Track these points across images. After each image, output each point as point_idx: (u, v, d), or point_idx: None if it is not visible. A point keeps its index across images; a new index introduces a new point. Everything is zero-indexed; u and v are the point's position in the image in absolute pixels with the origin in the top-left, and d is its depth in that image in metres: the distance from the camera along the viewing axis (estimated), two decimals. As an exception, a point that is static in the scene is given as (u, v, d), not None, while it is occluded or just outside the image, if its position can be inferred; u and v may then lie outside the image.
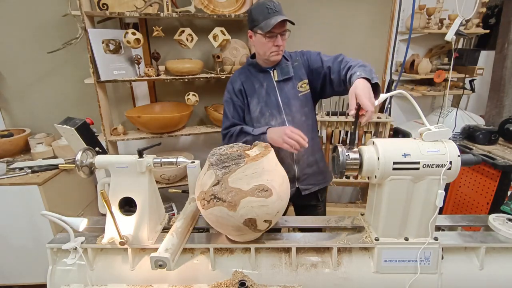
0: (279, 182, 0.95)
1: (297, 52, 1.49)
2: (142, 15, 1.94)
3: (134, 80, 2.09)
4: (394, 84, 2.50)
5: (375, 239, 1.00)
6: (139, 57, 2.08)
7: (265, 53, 1.36)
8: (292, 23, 1.31)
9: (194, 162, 1.11)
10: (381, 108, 2.51)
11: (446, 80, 2.40)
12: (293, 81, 1.43)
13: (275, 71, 1.43)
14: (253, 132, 1.35)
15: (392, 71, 2.57)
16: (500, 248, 1.04)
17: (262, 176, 0.91)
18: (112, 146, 2.21)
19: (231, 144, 1.08)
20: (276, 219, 0.97)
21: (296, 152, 1.35)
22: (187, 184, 1.18)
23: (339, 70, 1.29)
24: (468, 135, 2.27)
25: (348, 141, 2.35)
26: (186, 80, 2.12)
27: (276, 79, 1.42)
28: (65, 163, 1.93)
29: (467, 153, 1.87)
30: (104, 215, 1.04)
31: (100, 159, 1.01)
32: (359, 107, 1.02)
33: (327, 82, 1.39)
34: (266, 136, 1.30)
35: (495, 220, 1.10)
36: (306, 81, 1.44)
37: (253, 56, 1.50)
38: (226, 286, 0.95)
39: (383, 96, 1.04)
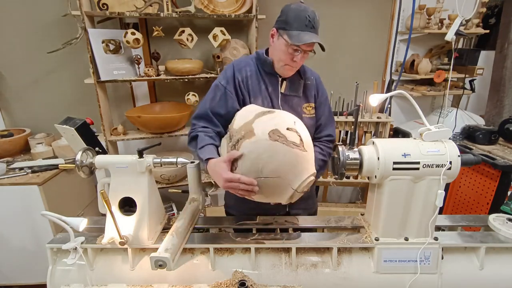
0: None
1: (313, 72, 1.34)
2: (142, 15, 1.94)
3: (134, 80, 2.09)
4: (394, 84, 2.51)
5: (375, 239, 1.00)
6: (139, 57, 2.08)
7: (279, 61, 1.19)
8: (323, 49, 1.16)
9: (194, 162, 1.11)
10: (381, 108, 2.51)
11: (446, 80, 2.40)
12: (301, 100, 1.29)
13: (284, 81, 1.25)
14: (198, 149, 1.09)
15: (392, 71, 2.57)
16: (500, 248, 1.04)
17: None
18: (112, 146, 2.21)
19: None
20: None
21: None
22: (187, 184, 1.18)
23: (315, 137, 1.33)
24: (468, 135, 2.28)
25: (348, 141, 2.35)
26: (186, 80, 2.12)
27: (283, 91, 1.25)
28: (65, 163, 1.93)
29: (467, 153, 1.87)
30: (104, 215, 1.04)
31: (100, 159, 1.01)
32: (358, 107, 1.02)
33: None
34: (205, 166, 1.06)
35: (495, 220, 1.10)
36: (313, 104, 1.31)
37: (266, 51, 1.27)
38: (226, 286, 0.95)
39: (383, 96, 1.04)
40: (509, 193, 1.87)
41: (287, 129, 0.93)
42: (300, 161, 0.93)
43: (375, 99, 1.02)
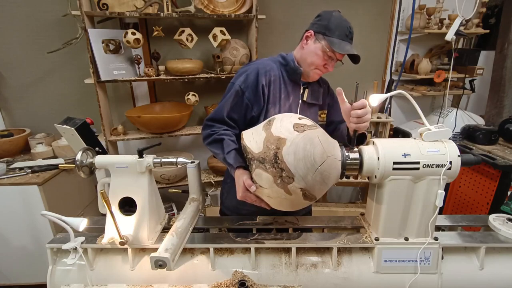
0: None
1: (323, 78, 1.33)
2: (142, 15, 1.94)
3: (134, 80, 2.09)
4: (394, 84, 2.51)
5: (375, 239, 1.00)
6: (139, 57, 2.08)
7: (310, 65, 1.18)
8: (357, 62, 1.17)
9: (194, 162, 1.11)
10: (381, 108, 2.51)
11: (446, 80, 2.40)
12: (317, 108, 1.30)
13: (306, 89, 1.23)
14: (225, 154, 1.07)
15: (392, 71, 2.57)
16: (500, 248, 1.04)
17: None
18: (112, 146, 2.21)
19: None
20: None
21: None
22: (187, 184, 1.18)
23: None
24: (468, 135, 2.28)
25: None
26: (186, 80, 2.12)
27: (305, 99, 1.24)
28: (65, 163, 1.93)
29: (467, 153, 1.87)
30: (104, 215, 1.04)
31: (100, 159, 1.01)
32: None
33: None
34: (233, 172, 1.05)
35: (495, 220, 1.10)
36: (326, 111, 1.33)
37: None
38: (226, 286, 0.95)
39: (383, 96, 1.04)
40: (509, 193, 1.87)
41: (299, 119, 0.96)
42: (327, 134, 0.97)
43: (375, 99, 1.02)
